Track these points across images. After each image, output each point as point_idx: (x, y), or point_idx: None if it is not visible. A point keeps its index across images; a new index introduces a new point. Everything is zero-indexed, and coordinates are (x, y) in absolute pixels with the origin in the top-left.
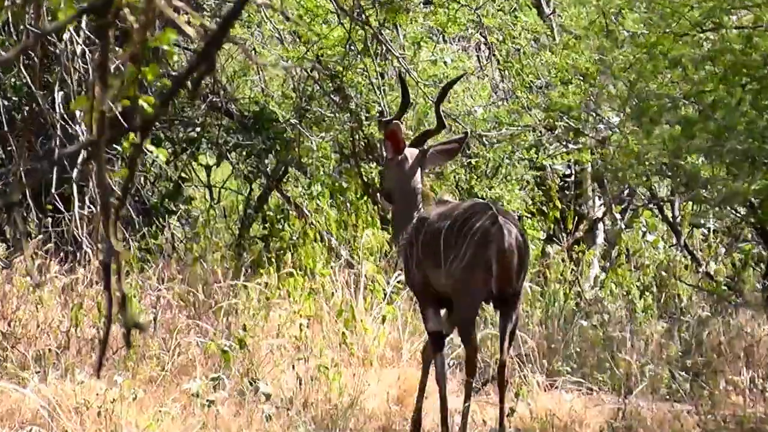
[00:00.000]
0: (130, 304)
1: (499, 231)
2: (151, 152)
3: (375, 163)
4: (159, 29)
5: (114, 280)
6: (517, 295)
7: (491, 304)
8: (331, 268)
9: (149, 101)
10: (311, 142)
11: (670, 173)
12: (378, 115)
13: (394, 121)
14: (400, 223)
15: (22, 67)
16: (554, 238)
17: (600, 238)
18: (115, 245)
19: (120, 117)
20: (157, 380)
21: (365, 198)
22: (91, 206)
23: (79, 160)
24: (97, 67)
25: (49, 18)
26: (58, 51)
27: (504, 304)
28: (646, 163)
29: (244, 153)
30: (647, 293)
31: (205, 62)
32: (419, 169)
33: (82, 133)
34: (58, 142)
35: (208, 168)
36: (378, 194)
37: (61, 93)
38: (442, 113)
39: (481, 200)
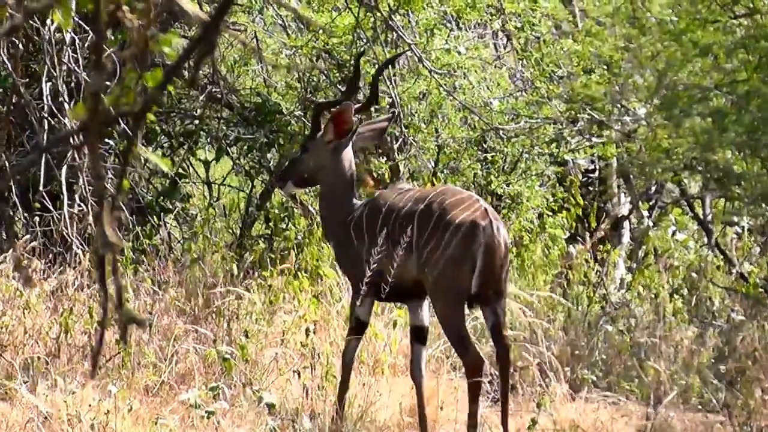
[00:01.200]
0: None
1: (489, 225)
2: (146, 161)
3: (386, 158)
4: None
5: (108, 274)
6: (500, 293)
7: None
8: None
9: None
10: None
11: (700, 168)
12: (388, 107)
13: (346, 102)
14: (337, 211)
15: (4, 57)
16: (577, 237)
17: (626, 237)
18: (110, 236)
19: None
20: (154, 390)
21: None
22: (82, 204)
23: (68, 156)
24: (92, 49)
25: None
26: (44, 39)
27: (485, 303)
28: (675, 157)
29: (245, 147)
30: (677, 296)
31: (204, 44)
32: (351, 152)
33: (72, 128)
34: (45, 138)
35: (206, 163)
36: (278, 180)
37: (49, 84)
38: (378, 88)
39: (457, 188)
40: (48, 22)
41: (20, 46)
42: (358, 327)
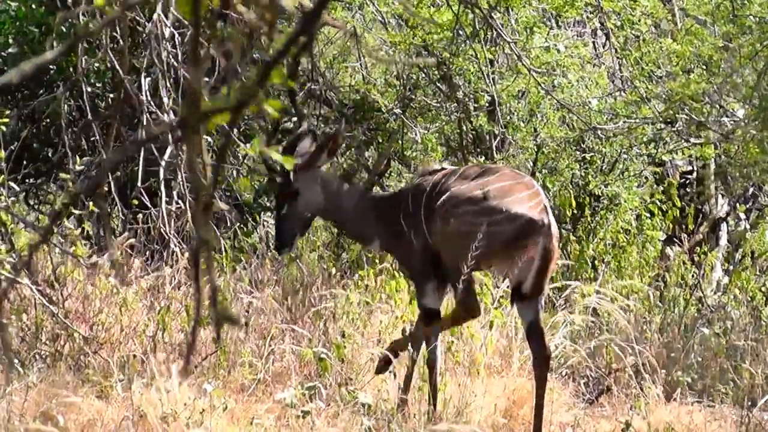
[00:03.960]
0: (221, 302)
1: (550, 226)
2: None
3: (483, 157)
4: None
5: (203, 272)
6: (542, 289)
7: (511, 299)
8: None
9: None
10: (415, 134)
11: None
12: (487, 105)
13: (338, 127)
14: (349, 212)
15: (108, 51)
16: (674, 239)
17: (723, 240)
18: (204, 234)
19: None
20: (250, 389)
21: None
22: (180, 202)
23: (167, 152)
24: (189, 44)
25: None
26: (145, 34)
27: (524, 298)
28: None
29: (343, 145)
30: None
31: (303, 38)
32: None
33: (170, 122)
34: (144, 132)
35: None
36: (282, 246)
37: (149, 79)
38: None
39: (505, 168)
40: (154, 16)
41: (121, 41)
42: (429, 317)
